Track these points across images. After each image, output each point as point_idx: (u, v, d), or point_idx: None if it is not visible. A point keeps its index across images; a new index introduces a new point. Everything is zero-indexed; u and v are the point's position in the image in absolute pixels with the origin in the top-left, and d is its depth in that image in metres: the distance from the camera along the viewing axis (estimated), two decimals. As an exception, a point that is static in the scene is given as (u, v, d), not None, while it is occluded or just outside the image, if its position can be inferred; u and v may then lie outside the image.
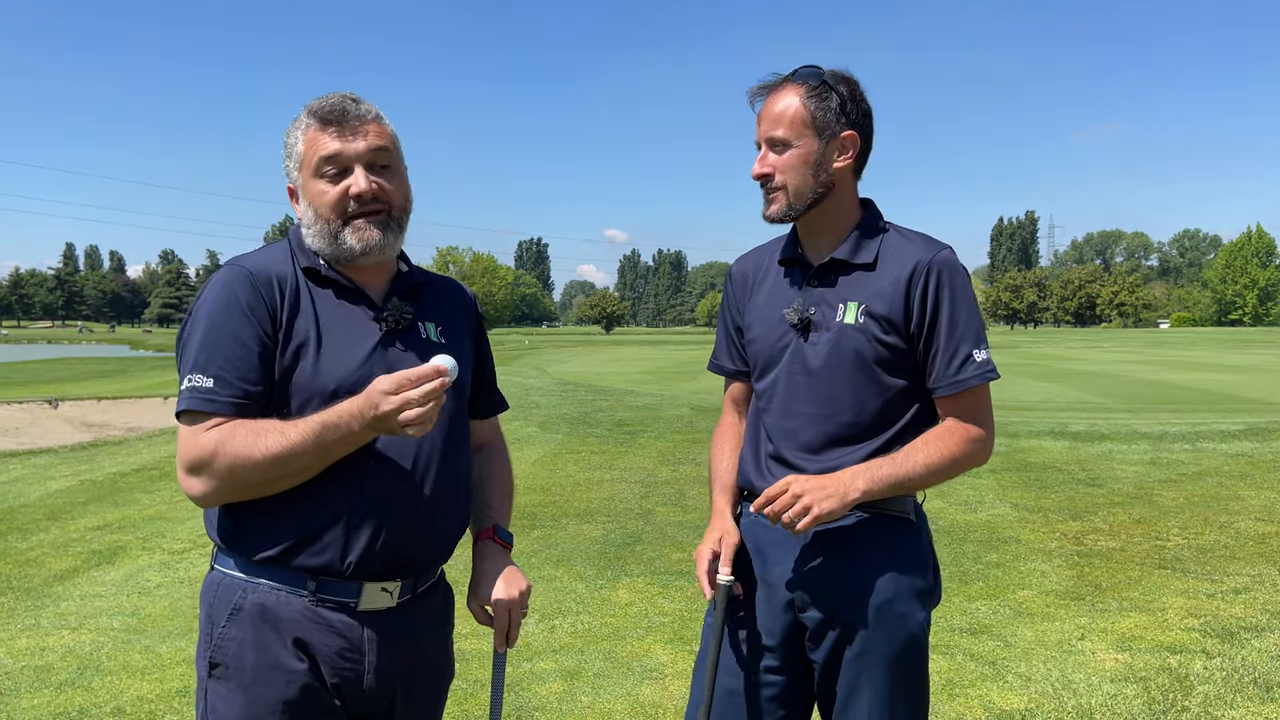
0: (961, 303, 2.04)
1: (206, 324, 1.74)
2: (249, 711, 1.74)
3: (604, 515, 7.42)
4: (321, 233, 1.80)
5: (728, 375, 2.33)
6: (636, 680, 4.17)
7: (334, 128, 1.78)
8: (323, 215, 1.79)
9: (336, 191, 1.78)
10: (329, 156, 1.78)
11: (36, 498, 8.33)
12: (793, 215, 2.09)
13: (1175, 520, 7.01)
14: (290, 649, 1.75)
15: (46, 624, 5.00)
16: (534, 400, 15.85)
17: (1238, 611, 4.99)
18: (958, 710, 3.86)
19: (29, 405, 17.22)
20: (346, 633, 1.78)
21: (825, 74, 2.06)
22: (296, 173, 1.83)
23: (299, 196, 1.85)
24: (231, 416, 1.71)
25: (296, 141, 1.82)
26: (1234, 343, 50.98)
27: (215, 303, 1.75)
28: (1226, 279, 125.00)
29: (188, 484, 1.72)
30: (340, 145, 1.77)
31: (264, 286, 1.77)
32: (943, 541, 6.44)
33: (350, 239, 1.79)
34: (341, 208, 1.78)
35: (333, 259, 1.83)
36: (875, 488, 1.97)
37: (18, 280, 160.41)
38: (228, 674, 1.76)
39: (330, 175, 1.78)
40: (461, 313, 2.02)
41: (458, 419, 1.92)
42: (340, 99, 1.81)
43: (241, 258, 1.84)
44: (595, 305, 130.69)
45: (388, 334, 1.83)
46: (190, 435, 1.71)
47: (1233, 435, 10.82)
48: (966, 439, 2.03)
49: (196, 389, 1.71)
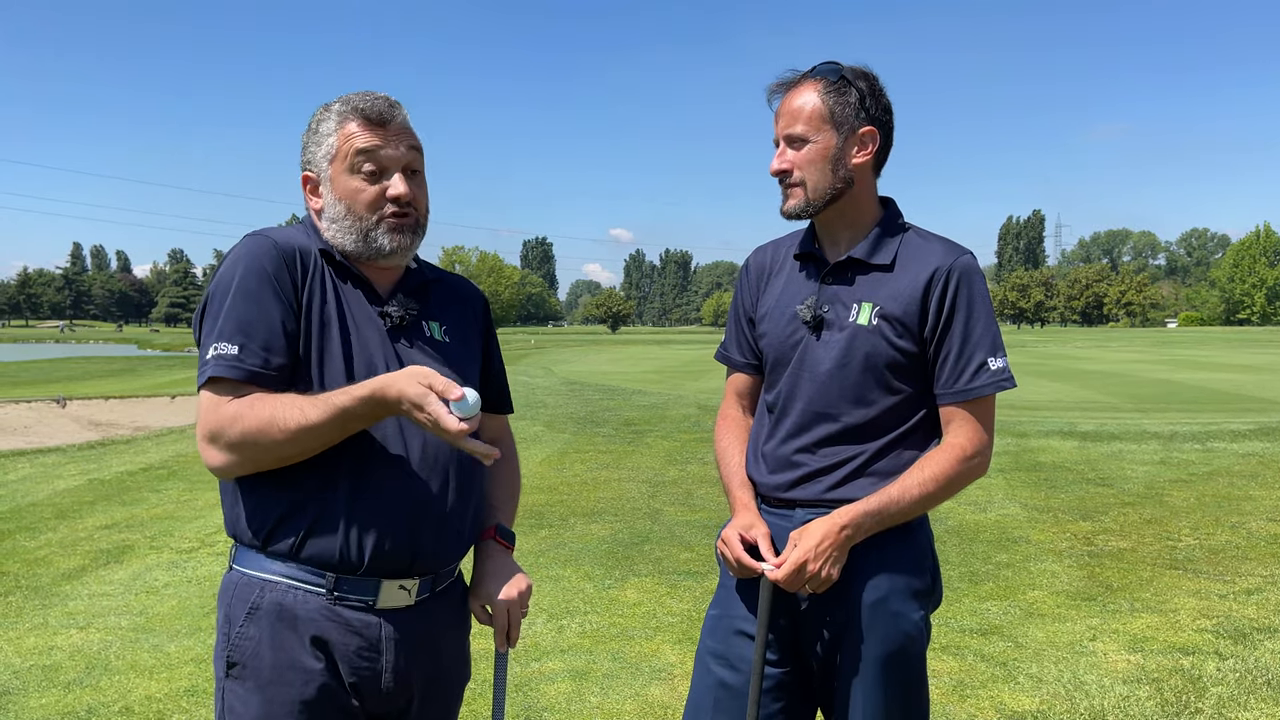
0: (979, 309, 2.02)
1: (234, 292, 1.71)
2: (266, 711, 1.73)
3: (611, 515, 7.41)
4: (351, 228, 1.80)
5: (736, 367, 2.30)
6: (645, 680, 4.16)
7: (378, 128, 1.79)
8: (356, 211, 1.79)
9: (374, 191, 1.78)
10: (369, 155, 1.78)
11: (44, 497, 8.34)
12: (811, 211, 2.07)
13: (1186, 520, 6.97)
14: (308, 648, 1.74)
15: (54, 623, 5.00)
16: (540, 400, 15.84)
17: (1250, 612, 4.95)
18: (969, 711, 3.84)
19: (37, 404, 17.28)
20: (364, 631, 1.76)
21: (844, 70, 2.04)
22: (326, 164, 1.81)
23: (323, 188, 1.83)
24: (255, 384, 1.68)
25: (331, 133, 1.80)
26: (1242, 342, 50.84)
27: (242, 271, 1.72)
28: (1235, 278, 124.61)
29: (207, 453, 1.70)
30: (383, 146, 1.78)
31: (289, 260, 1.75)
32: (952, 541, 6.41)
33: (383, 239, 1.80)
34: (377, 207, 1.79)
35: (353, 255, 1.82)
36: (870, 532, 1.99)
37: (25, 280, 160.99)
38: (245, 673, 1.74)
39: (367, 173, 1.78)
40: (470, 311, 2.01)
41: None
42: (384, 99, 1.81)
43: (266, 230, 1.81)
44: (601, 305, 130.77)
45: (392, 329, 1.82)
46: (212, 403, 1.68)
47: (1243, 435, 10.77)
48: (963, 457, 2.01)
49: (221, 356, 1.68)
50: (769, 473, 2.12)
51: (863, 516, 1.97)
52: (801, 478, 2.07)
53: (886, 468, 2.04)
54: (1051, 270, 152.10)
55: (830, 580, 1.96)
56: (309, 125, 1.86)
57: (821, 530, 1.96)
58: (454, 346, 1.91)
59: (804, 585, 1.97)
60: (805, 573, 1.95)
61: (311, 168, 1.84)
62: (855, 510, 1.97)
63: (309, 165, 1.85)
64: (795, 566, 1.94)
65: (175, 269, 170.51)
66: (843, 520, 1.96)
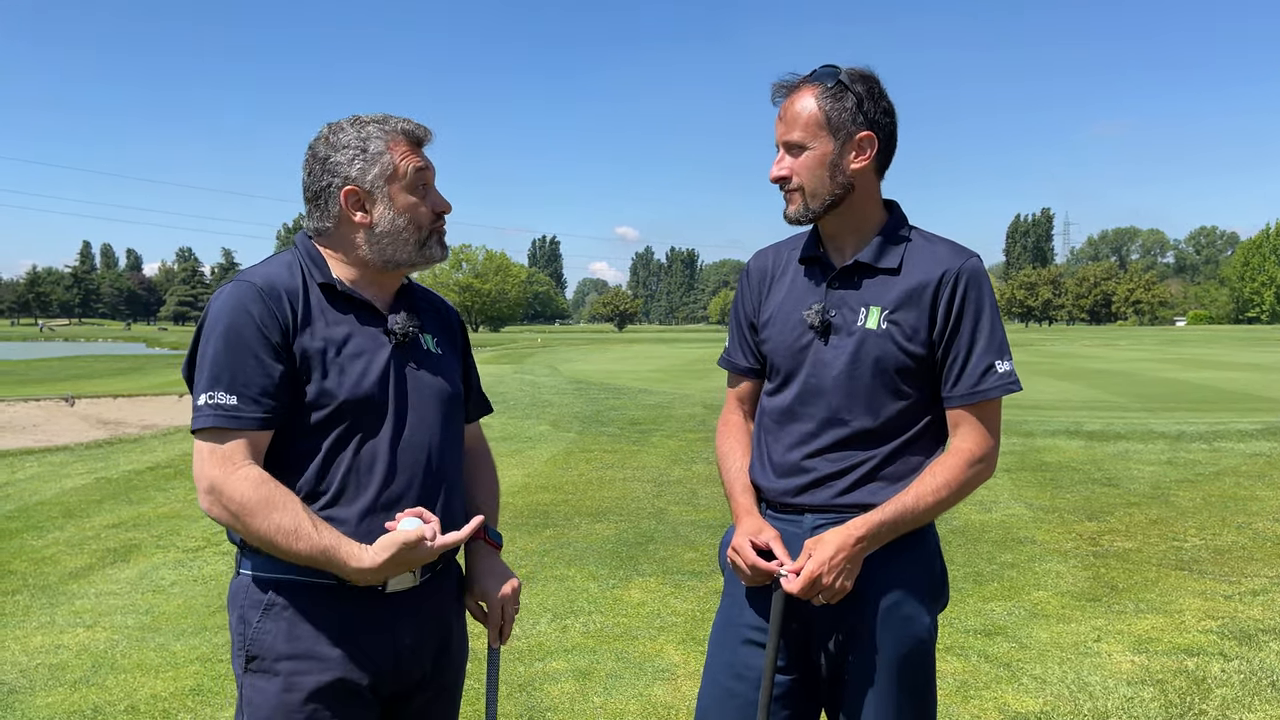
0: (987, 313, 2.03)
1: (223, 340, 1.79)
2: (284, 699, 1.81)
3: (616, 514, 7.41)
4: (409, 240, 1.92)
5: (738, 372, 2.30)
6: (649, 680, 4.16)
7: (419, 149, 1.96)
8: (418, 223, 1.93)
9: (428, 208, 1.95)
10: (422, 174, 1.94)
11: (52, 495, 8.37)
12: (811, 217, 2.07)
13: (1192, 521, 6.96)
14: (322, 637, 1.82)
15: (61, 622, 5.02)
16: (546, 399, 15.85)
17: (1256, 613, 4.94)
18: (972, 712, 3.84)
19: (46, 402, 17.36)
20: (376, 615, 1.86)
21: (842, 74, 2.02)
22: (383, 182, 1.90)
23: (378, 204, 1.91)
24: (257, 432, 1.78)
25: (383, 152, 1.90)
26: (1251, 341, 50.61)
27: (229, 319, 1.80)
28: (1244, 276, 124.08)
29: (204, 502, 1.79)
30: (428, 166, 1.96)
31: (274, 301, 1.83)
32: (957, 542, 6.40)
33: (436, 248, 1.97)
34: (431, 220, 1.96)
35: (401, 265, 1.94)
36: (884, 541, 2.00)
37: (35, 278, 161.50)
38: (263, 665, 1.83)
39: (419, 190, 1.94)
40: (450, 325, 2.14)
41: (458, 417, 2.04)
42: (421, 125, 1.97)
43: (247, 272, 1.89)
44: (608, 303, 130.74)
45: (396, 347, 1.92)
46: (215, 459, 1.76)
47: (1251, 435, 10.74)
48: (971, 461, 2.02)
49: (220, 406, 1.76)
50: (777, 478, 2.12)
51: (878, 527, 1.97)
52: (811, 483, 2.07)
53: (896, 472, 2.04)
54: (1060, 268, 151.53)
55: (845, 591, 1.97)
56: (336, 142, 1.91)
57: (837, 542, 1.96)
58: (445, 358, 2.04)
59: (818, 596, 1.98)
60: (819, 585, 1.95)
61: (360, 184, 1.90)
62: (870, 521, 1.97)
63: (354, 181, 1.90)
64: (810, 579, 1.95)
65: (183, 267, 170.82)
66: (859, 532, 1.96)
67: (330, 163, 1.90)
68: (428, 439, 1.91)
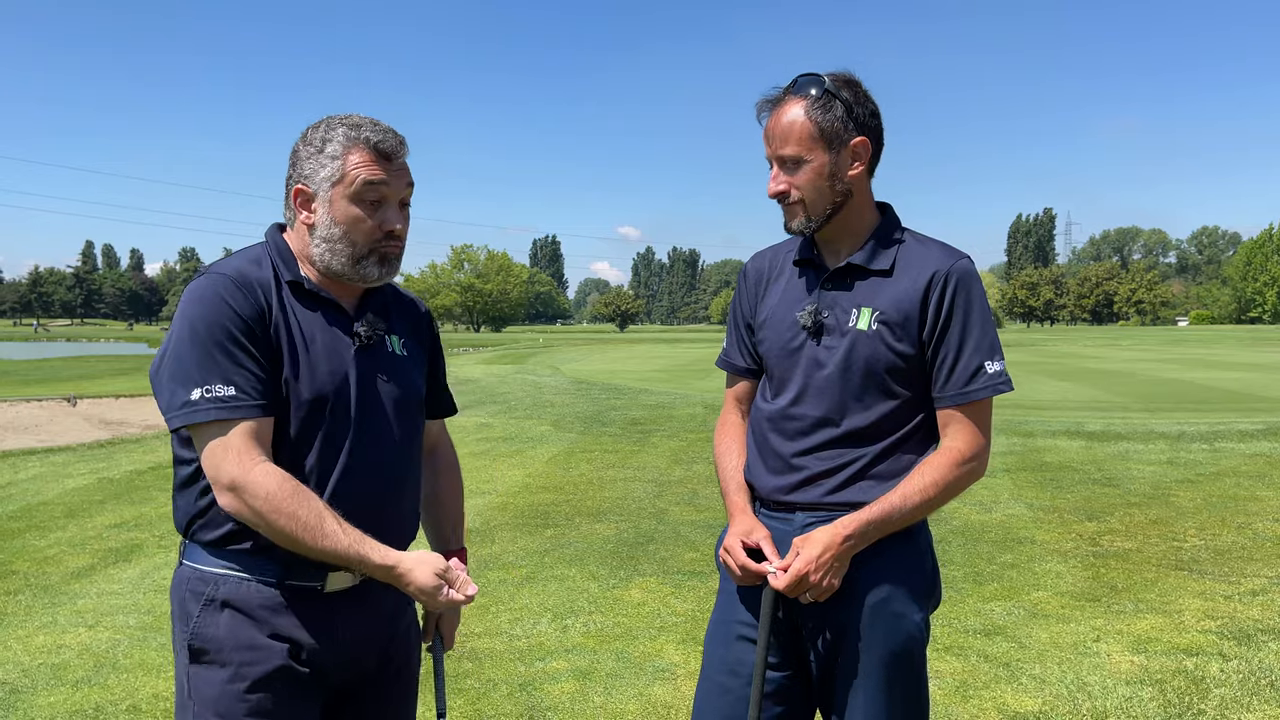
0: (977, 313, 2.04)
1: (206, 333, 1.76)
2: (230, 689, 1.82)
3: (617, 514, 7.43)
4: (343, 252, 1.87)
5: (738, 373, 2.32)
6: (649, 680, 4.17)
7: (385, 162, 1.86)
8: (352, 238, 1.86)
9: (374, 224, 1.87)
10: (375, 188, 1.85)
11: (54, 495, 8.40)
12: (814, 228, 2.10)
13: (1192, 521, 6.96)
14: (264, 630, 1.83)
15: (63, 621, 5.04)
16: (547, 399, 15.87)
17: (1255, 614, 4.94)
18: (971, 712, 3.84)
19: (48, 403, 17.39)
20: (316, 613, 1.86)
21: (827, 82, 2.03)
22: (328, 185, 1.85)
23: (319, 206, 1.87)
24: (260, 420, 1.77)
25: (337, 156, 1.84)
26: (1254, 341, 50.55)
27: (209, 312, 1.77)
28: (1246, 276, 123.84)
29: (225, 498, 1.76)
30: (389, 181, 1.86)
31: (249, 291, 1.82)
32: (957, 541, 6.41)
33: (372, 268, 1.89)
34: (374, 237, 1.87)
35: (337, 275, 1.89)
36: (872, 539, 2.01)
37: (37, 279, 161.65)
38: (208, 658, 1.84)
39: (369, 203, 1.86)
40: (419, 325, 2.12)
41: (415, 418, 2.02)
42: (395, 135, 1.88)
43: (219, 265, 1.88)
44: (609, 303, 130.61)
45: (360, 349, 1.91)
46: (233, 453, 1.74)
47: (1251, 435, 10.73)
48: (960, 461, 2.03)
49: (218, 398, 1.74)
50: (769, 476, 2.14)
51: (865, 525, 1.99)
52: (802, 481, 2.09)
53: (887, 471, 2.06)
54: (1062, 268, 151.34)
55: (832, 589, 1.99)
56: (307, 137, 1.89)
57: (824, 540, 1.97)
58: (410, 359, 2.03)
59: (805, 594, 2.00)
60: (806, 583, 1.97)
61: (309, 183, 1.88)
62: (858, 519, 1.99)
63: (305, 179, 1.88)
64: (796, 577, 1.97)
65: (186, 268, 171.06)
66: (846, 530, 1.98)
67: (295, 156, 1.90)
68: (387, 441, 1.91)
